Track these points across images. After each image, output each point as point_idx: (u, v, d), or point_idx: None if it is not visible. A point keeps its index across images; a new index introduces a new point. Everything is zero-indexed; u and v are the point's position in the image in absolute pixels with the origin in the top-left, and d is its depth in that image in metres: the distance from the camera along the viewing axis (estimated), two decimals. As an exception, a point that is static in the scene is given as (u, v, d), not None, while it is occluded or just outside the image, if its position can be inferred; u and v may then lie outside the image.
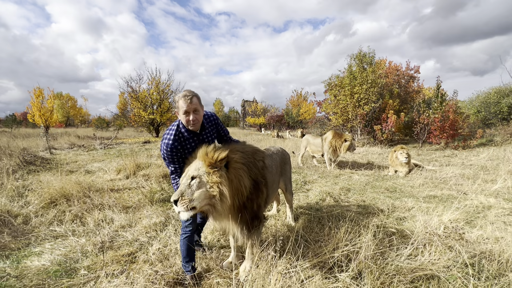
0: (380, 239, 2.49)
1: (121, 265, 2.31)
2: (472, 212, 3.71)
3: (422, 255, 2.30)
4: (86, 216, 3.47)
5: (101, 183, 4.98)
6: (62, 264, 2.36)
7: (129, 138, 17.23)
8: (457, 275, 2.01)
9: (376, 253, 2.23)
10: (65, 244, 2.78)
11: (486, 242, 2.66)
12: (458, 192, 4.72)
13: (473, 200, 4.20)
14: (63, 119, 39.27)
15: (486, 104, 16.58)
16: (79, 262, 2.42)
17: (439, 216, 3.09)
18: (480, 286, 1.91)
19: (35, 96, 18.70)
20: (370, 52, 13.91)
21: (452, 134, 11.26)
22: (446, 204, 4.08)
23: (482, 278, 1.97)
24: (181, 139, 1.92)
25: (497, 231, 2.87)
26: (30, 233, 3.04)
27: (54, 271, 2.24)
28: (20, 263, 2.39)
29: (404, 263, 2.15)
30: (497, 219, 3.42)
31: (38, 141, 12.46)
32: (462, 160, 7.94)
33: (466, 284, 1.91)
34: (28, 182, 5.00)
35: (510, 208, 3.79)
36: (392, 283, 1.89)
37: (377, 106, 13.24)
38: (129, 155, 7.28)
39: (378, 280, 1.90)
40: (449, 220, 2.97)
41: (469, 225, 3.12)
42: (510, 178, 5.26)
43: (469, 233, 2.84)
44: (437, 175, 6.03)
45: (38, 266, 2.31)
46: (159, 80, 18.50)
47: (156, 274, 2.04)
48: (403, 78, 16.19)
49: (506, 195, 4.47)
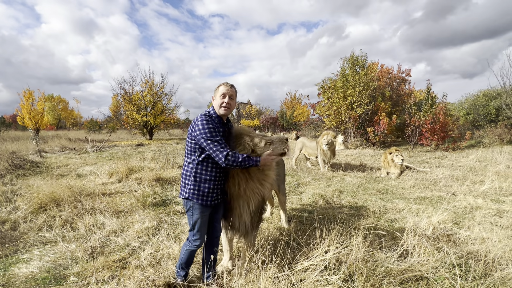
0: (371, 241, 2.53)
1: (112, 271, 2.29)
2: (461, 213, 3.80)
3: (411, 256, 2.34)
4: (77, 221, 3.42)
5: (93, 187, 4.91)
6: (51, 271, 2.32)
7: (122, 140, 17.02)
8: (445, 275, 2.06)
9: (367, 255, 2.27)
10: (54, 250, 2.73)
11: (473, 242, 2.72)
12: (447, 193, 4.82)
13: (461, 201, 4.30)
14: (54, 121, 38.55)
15: (475, 106, 17.00)
16: (68, 268, 2.38)
17: (429, 217, 3.15)
18: (467, 286, 1.96)
19: (25, 98, 18.32)
20: (363, 55, 14.13)
21: (443, 136, 11.50)
22: (436, 205, 4.16)
23: (469, 278, 2.02)
24: (213, 120, 1.94)
25: (484, 232, 2.94)
26: (18, 239, 2.97)
27: (43, 278, 2.20)
28: (7, 271, 2.34)
29: (394, 265, 2.19)
30: (484, 219, 3.51)
31: (28, 144, 12.21)
32: (452, 162, 8.12)
33: (453, 285, 1.96)
34: (17, 186, 4.90)
35: (497, 209, 3.90)
36: (382, 285, 1.92)
37: (369, 109, 13.43)
38: (122, 158, 7.20)
39: (369, 282, 1.93)
40: (438, 222, 3.03)
41: (457, 226, 3.20)
42: (497, 179, 5.40)
43: (457, 234, 2.91)
44: (427, 176, 6.15)
45: (26, 274, 2.26)
46: (152, 82, 18.36)
47: (147, 280, 2.02)
48: (395, 81, 16.48)
49: (493, 196, 4.58)
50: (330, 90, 14.46)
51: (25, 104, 18.44)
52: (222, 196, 2.09)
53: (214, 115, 1.98)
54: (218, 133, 1.88)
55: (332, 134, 6.87)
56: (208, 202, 1.95)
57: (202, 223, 1.97)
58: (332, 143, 6.82)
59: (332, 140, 6.80)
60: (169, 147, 12.86)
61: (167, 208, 4.04)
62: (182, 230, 3.25)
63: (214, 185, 1.96)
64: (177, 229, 3.27)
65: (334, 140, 6.86)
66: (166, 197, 4.52)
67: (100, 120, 33.60)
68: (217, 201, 2.03)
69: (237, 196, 2.03)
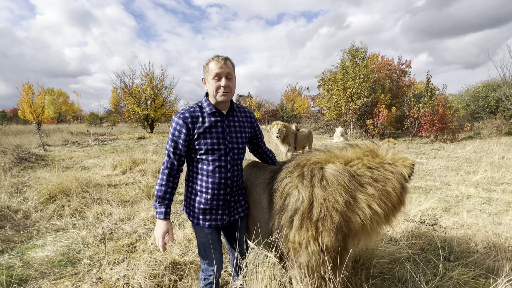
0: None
1: (121, 254, 2.47)
2: (452, 201, 3.96)
3: (400, 240, 2.51)
4: (85, 210, 3.60)
5: (98, 178, 5.08)
6: (65, 255, 2.50)
7: (123, 134, 17.17)
8: (430, 256, 2.23)
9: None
10: (66, 236, 2.91)
11: (460, 228, 2.89)
12: (441, 183, 4.98)
13: (454, 190, 4.46)
14: (55, 115, 38.61)
15: (475, 98, 17.02)
16: (81, 252, 2.57)
17: (419, 205, 3.31)
18: (449, 265, 2.13)
19: (24, 92, 18.37)
20: (363, 47, 14.08)
21: (442, 127, 11.60)
22: (429, 194, 4.32)
23: (451, 258, 2.19)
24: (197, 117, 1.45)
25: (472, 218, 3.11)
26: (31, 227, 3.15)
27: (58, 261, 2.39)
28: (24, 255, 2.52)
29: (384, 247, 2.36)
30: (474, 207, 3.67)
31: (31, 138, 12.37)
32: (449, 153, 8.25)
33: (437, 264, 2.13)
34: (25, 178, 5.07)
35: (487, 197, 4.05)
36: (370, 264, 2.09)
37: (369, 101, 13.49)
38: (125, 151, 7.35)
39: (358, 262, 2.10)
40: (426, 208, 3.19)
41: (447, 213, 3.36)
42: (491, 170, 5.55)
43: (445, 220, 3.07)
44: (423, 167, 6.29)
45: (42, 257, 2.45)
46: (152, 75, 18.36)
47: (155, 262, 2.20)
48: (395, 72, 16.44)
49: (485, 185, 4.74)
50: (330, 82, 14.49)
51: (25, 98, 18.52)
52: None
53: (207, 107, 1.49)
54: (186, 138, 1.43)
55: (281, 124, 7.04)
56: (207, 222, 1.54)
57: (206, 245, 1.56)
58: (283, 132, 6.95)
59: (282, 129, 6.95)
60: (170, 140, 13.00)
61: (171, 198, 4.22)
62: (185, 218, 3.42)
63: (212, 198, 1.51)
64: (181, 217, 3.45)
65: (284, 129, 6.99)
66: (169, 188, 4.69)
67: (101, 114, 33.69)
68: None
69: None
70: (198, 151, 1.46)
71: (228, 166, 1.50)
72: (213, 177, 1.47)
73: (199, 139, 1.44)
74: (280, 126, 6.91)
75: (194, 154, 1.49)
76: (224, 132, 1.50)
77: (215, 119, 1.48)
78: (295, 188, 1.46)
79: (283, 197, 1.49)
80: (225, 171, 1.49)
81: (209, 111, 1.48)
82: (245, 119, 1.63)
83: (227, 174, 1.50)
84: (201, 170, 1.49)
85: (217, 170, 1.47)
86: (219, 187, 1.49)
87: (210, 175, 1.47)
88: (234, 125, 1.55)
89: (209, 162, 1.46)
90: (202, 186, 1.49)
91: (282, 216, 1.48)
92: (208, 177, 1.47)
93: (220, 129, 1.49)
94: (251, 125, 1.67)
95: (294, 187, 1.46)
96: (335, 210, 1.34)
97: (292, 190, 1.47)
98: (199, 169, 1.49)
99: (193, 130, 1.43)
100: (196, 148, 1.46)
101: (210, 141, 1.45)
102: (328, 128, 16.96)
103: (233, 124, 1.55)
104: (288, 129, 7.20)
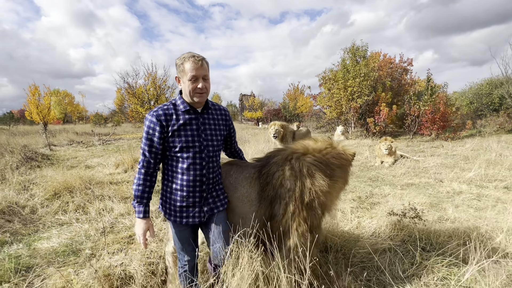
0: (349, 219, 2.82)
1: (120, 245, 2.64)
2: (442, 197, 4.06)
3: (384, 232, 2.63)
4: (88, 206, 3.79)
5: (101, 177, 5.28)
6: (68, 246, 2.69)
7: (127, 134, 17.48)
8: (410, 247, 2.35)
9: (344, 232, 2.57)
10: (70, 229, 3.10)
11: (445, 222, 3.00)
12: (435, 180, 5.06)
13: (446, 187, 4.54)
14: (61, 115, 39.30)
15: (478, 95, 16.89)
16: (83, 244, 2.75)
17: (402, 199, 3.42)
18: (426, 255, 2.25)
19: (31, 93, 18.79)
20: (363, 45, 14.09)
21: (443, 125, 11.58)
22: (421, 190, 4.41)
23: (428, 248, 2.31)
24: (171, 114, 1.46)
25: (457, 213, 3.21)
26: (37, 221, 3.35)
27: (62, 251, 2.57)
28: (31, 246, 2.71)
29: (366, 240, 2.49)
30: (463, 202, 3.76)
31: (37, 138, 12.72)
32: (447, 151, 8.28)
33: (414, 254, 2.25)
34: (32, 176, 5.30)
35: (478, 193, 4.14)
36: (351, 254, 2.22)
37: (370, 99, 13.51)
38: (127, 151, 7.56)
39: (340, 252, 2.23)
40: (410, 203, 3.30)
41: (434, 208, 3.46)
42: (486, 167, 5.60)
43: (432, 215, 3.18)
44: (419, 164, 6.37)
45: (47, 247, 2.64)
46: (155, 76, 18.59)
47: (151, 251, 2.36)
48: (396, 71, 16.41)
49: (478, 182, 4.81)
50: (331, 81, 14.53)
51: (31, 99, 18.95)
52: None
53: (181, 105, 1.49)
54: (160, 136, 1.44)
55: (278, 124, 7.14)
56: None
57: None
58: (280, 132, 7.06)
59: (280, 130, 7.05)
60: (172, 139, 13.22)
61: (170, 194, 4.40)
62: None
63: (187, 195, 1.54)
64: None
65: (282, 129, 7.10)
66: (168, 185, 4.87)
67: (105, 114, 34.18)
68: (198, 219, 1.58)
69: None
70: (172, 149, 1.47)
71: (203, 163, 1.52)
72: (188, 174, 1.49)
73: (174, 136, 1.46)
74: (277, 126, 7.04)
75: (168, 152, 1.50)
76: (199, 129, 1.51)
77: (190, 117, 1.49)
78: (287, 179, 1.68)
79: (275, 188, 1.70)
80: (199, 168, 1.51)
81: (183, 108, 1.48)
82: (220, 117, 1.65)
83: (202, 171, 1.52)
84: (175, 168, 1.50)
85: (191, 167, 1.49)
86: (194, 184, 1.50)
87: (185, 172, 1.48)
88: (209, 123, 1.57)
89: (183, 159, 1.48)
90: (177, 184, 1.50)
91: (276, 205, 1.70)
92: (183, 175, 1.49)
93: (195, 126, 1.50)
94: (226, 123, 1.69)
95: (286, 179, 1.69)
96: (320, 191, 1.65)
97: (284, 181, 1.69)
98: (173, 167, 1.51)
99: (167, 128, 1.44)
100: (171, 145, 1.47)
101: (184, 138, 1.46)
102: (330, 127, 17.01)
103: (207, 122, 1.56)
104: (286, 129, 7.34)
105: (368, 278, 2.04)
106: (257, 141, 9.17)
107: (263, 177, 1.75)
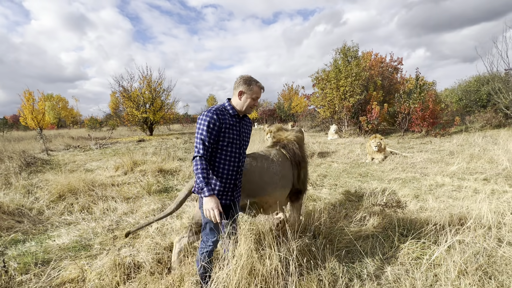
0: (338, 211, 3.08)
1: (127, 240, 2.85)
2: (426, 189, 4.35)
3: (368, 221, 2.90)
4: (92, 206, 3.98)
5: (102, 179, 5.46)
6: (78, 242, 2.89)
7: (123, 137, 17.56)
8: (390, 233, 2.62)
9: (332, 221, 2.82)
10: (78, 228, 3.30)
11: (425, 211, 3.28)
12: (421, 174, 5.36)
13: (430, 180, 4.84)
14: (55, 120, 39.04)
15: (467, 92, 17.41)
16: (92, 240, 2.95)
17: (394, 193, 3.70)
18: (404, 239, 2.52)
19: (26, 99, 18.77)
20: (354, 46, 14.45)
21: (432, 122, 11.98)
22: (407, 184, 4.71)
23: (405, 233, 2.58)
24: (224, 115, 1.82)
25: (437, 203, 3.50)
26: (45, 221, 3.54)
27: (73, 247, 2.77)
28: (43, 243, 2.91)
29: (351, 228, 2.75)
30: (444, 194, 4.06)
31: (33, 144, 12.75)
32: (434, 146, 8.64)
33: (393, 239, 2.52)
34: (34, 181, 5.45)
35: (458, 185, 4.44)
36: (336, 240, 2.48)
37: (362, 98, 13.86)
38: (126, 154, 7.73)
39: (327, 238, 2.49)
40: (393, 195, 3.58)
41: (416, 200, 3.75)
42: (469, 161, 5.94)
43: (413, 205, 3.46)
44: (408, 160, 6.68)
45: (59, 244, 2.84)
46: (150, 79, 18.73)
47: (156, 244, 2.59)
48: (387, 70, 16.81)
49: (460, 175, 5.13)
50: (324, 81, 14.86)
51: (26, 104, 18.92)
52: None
53: (230, 110, 1.87)
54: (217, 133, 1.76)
55: (274, 132, 7.41)
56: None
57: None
58: (274, 137, 7.33)
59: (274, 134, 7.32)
60: (169, 141, 13.38)
61: (169, 194, 4.61)
62: (183, 210, 3.81)
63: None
64: (179, 210, 3.83)
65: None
66: (168, 185, 5.08)
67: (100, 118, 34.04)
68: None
69: None
70: (220, 142, 1.82)
71: (240, 157, 1.91)
72: (229, 165, 1.85)
73: (224, 133, 1.81)
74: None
75: (215, 145, 1.82)
76: (240, 130, 1.93)
77: (235, 120, 1.88)
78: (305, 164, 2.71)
79: (303, 170, 2.61)
80: (238, 161, 1.89)
81: (232, 113, 1.87)
82: (249, 125, 2.09)
83: (239, 164, 1.91)
84: (219, 158, 1.83)
85: (232, 159, 1.86)
86: (232, 173, 1.87)
87: (227, 163, 1.84)
88: (244, 127, 1.99)
89: (227, 152, 1.84)
90: (219, 172, 1.84)
91: (305, 180, 2.66)
92: (225, 165, 1.84)
93: (238, 127, 1.91)
94: (250, 129, 2.13)
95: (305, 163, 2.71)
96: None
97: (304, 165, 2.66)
98: (217, 158, 1.84)
99: (220, 125, 1.78)
100: (221, 139, 1.81)
101: (231, 135, 1.84)
102: (324, 126, 17.35)
103: (244, 126, 1.99)
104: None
105: (352, 260, 2.30)
106: (252, 142, 9.41)
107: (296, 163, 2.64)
